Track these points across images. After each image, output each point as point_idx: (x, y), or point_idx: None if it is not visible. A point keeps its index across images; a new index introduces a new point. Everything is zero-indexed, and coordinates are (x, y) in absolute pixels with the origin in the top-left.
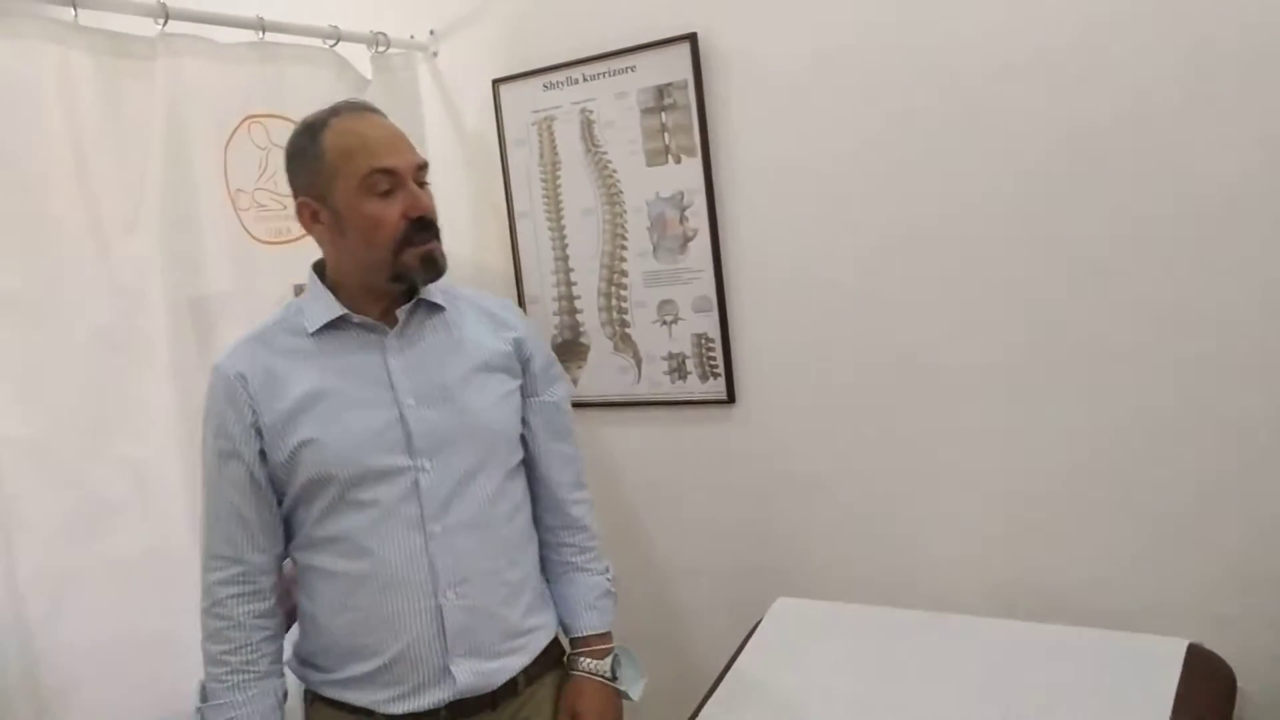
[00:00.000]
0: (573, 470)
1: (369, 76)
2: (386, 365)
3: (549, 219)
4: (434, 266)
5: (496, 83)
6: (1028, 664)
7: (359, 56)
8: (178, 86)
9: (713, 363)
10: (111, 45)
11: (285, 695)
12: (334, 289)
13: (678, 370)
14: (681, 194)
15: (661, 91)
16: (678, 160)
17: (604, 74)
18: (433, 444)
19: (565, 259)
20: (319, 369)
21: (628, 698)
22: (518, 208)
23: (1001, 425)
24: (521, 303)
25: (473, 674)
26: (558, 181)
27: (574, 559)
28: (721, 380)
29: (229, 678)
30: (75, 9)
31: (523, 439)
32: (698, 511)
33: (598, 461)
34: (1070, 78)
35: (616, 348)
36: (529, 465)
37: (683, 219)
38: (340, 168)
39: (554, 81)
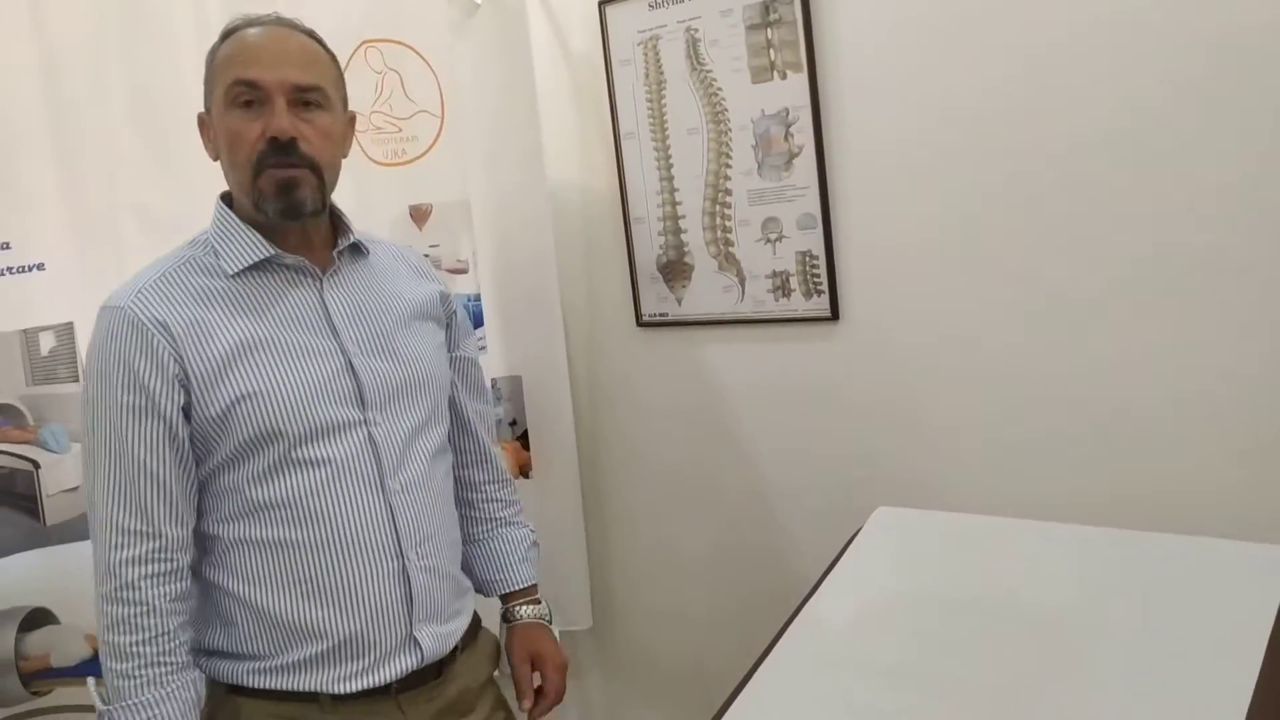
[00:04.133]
0: (491, 425)
1: (479, 1)
2: (327, 311)
3: (654, 139)
4: (287, 196)
5: (602, 3)
6: (1129, 570)
7: None
8: (297, 12)
9: (816, 280)
10: None
11: (203, 690)
12: (251, 224)
13: (781, 288)
14: (786, 110)
15: (767, 7)
16: (783, 76)
17: None
18: (383, 396)
19: (670, 179)
20: (249, 315)
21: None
22: (623, 129)
23: (1110, 341)
24: (626, 223)
25: (434, 639)
26: (663, 101)
27: (502, 514)
28: (825, 298)
29: (142, 672)
30: None
31: None
32: (800, 427)
33: (700, 379)
34: None
35: (720, 267)
36: (453, 420)
37: (788, 136)
38: (215, 75)
39: (659, 1)
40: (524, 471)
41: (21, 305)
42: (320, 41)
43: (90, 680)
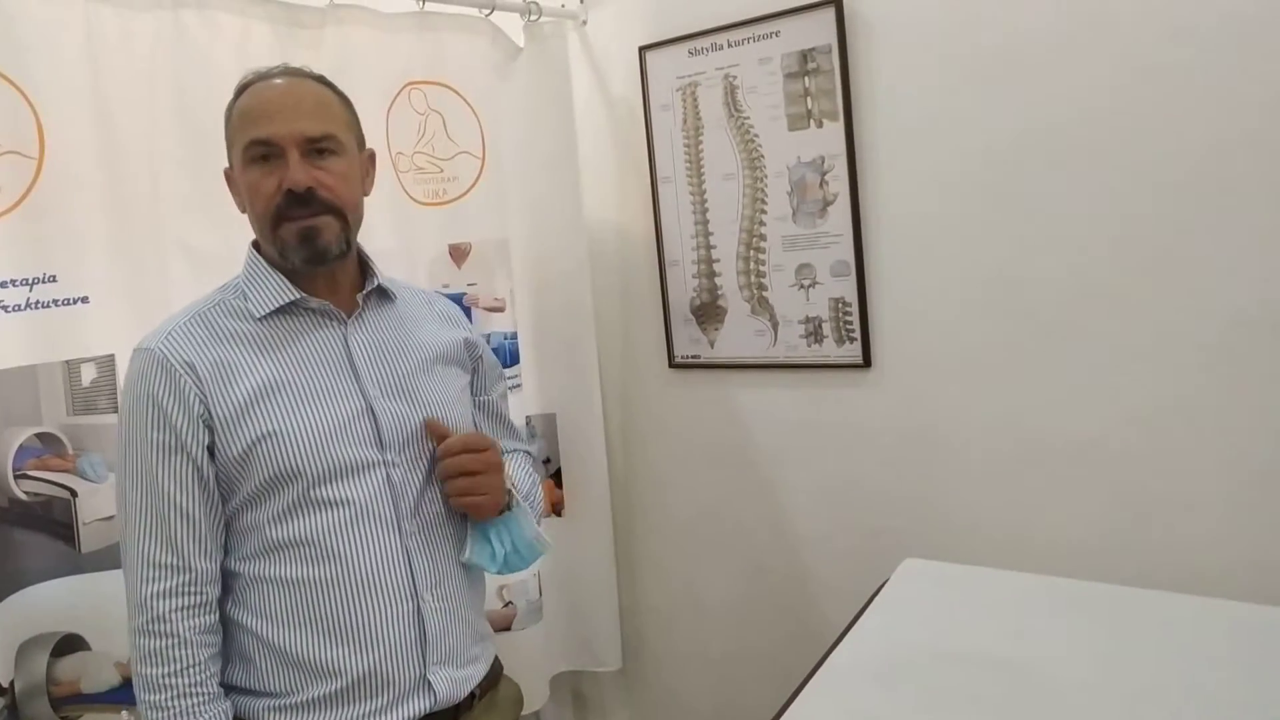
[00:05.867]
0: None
1: (521, 44)
2: (349, 354)
3: (690, 183)
4: (310, 245)
5: (643, 49)
6: (1164, 634)
7: (512, 25)
8: (344, 54)
9: (849, 327)
10: (286, 15)
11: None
12: (278, 269)
13: (814, 334)
14: (822, 158)
15: (805, 56)
16: (820, 125)
17: (748, 39)
18: (401, 438)
19: (705, 223)
20: (273, 357)
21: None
22: (660, 172)
23: (1152, 397)
24: (661, 265)
25: (448, 682)
26: (700, 146)
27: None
28: (858, 344)
29: (175, 703)
30: None
31: None
32: (830, 474)
33: (731, 422)
34: (1258, 41)
35: (754, 310)
36: None
37: (823, 183)
38: (233, 134)
39: (699, 48)
40: (556, 510)
41: (65, 336)
42: (330, 85)
43: (124, 712)
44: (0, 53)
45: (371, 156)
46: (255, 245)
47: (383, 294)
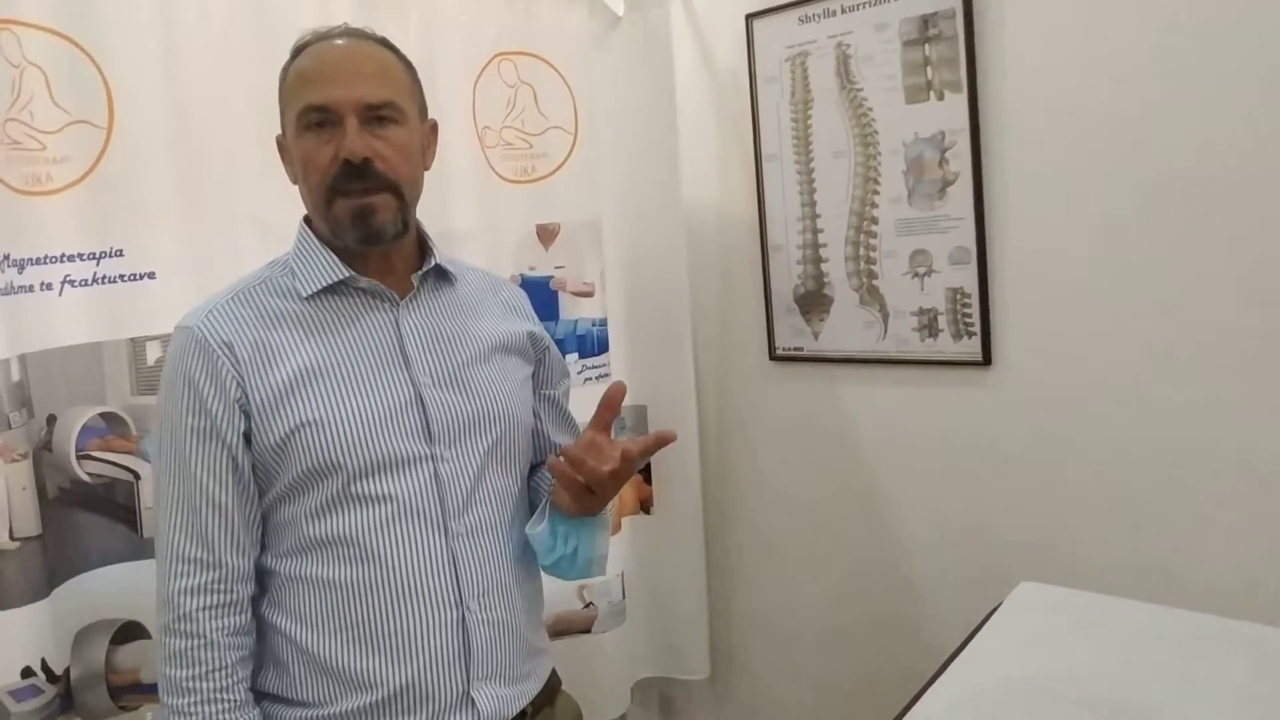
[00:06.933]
0: None
1: (620, 13)
2: (400, 339)
3: (798, 161)
4: (364, 225)
5: (750, 17)
6: None
7: None
8: (431, 23)
9: (968, 320)
10: None
11: None
12: (330, 245)
13: (928, 327)
14: (942, 134)
15: (926, 22)
16: (940, 97)
17: (864, 4)
18: (453, 431)
19: (812, 204)
20: (318, 339)
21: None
22: (766, 150)
23: None
24: (764, 250)
25: (494, 700)
26: (809, 121)
27: None
28: (977, 340)
29: (198, 709)
30: None
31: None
32: (943, 480)
33: (835, 421)
34: None
35: (862, 300)
36: (537, 453)
37: (942, 162)
38: (288, 98)
39: (810, 14)
40: (645, 507)
41: (131, 313)
42: (393, 48)
43: (149, 715)
44: (71, 20)
45: (434, 128)
46: (307, 220)
47: (441, 275)
